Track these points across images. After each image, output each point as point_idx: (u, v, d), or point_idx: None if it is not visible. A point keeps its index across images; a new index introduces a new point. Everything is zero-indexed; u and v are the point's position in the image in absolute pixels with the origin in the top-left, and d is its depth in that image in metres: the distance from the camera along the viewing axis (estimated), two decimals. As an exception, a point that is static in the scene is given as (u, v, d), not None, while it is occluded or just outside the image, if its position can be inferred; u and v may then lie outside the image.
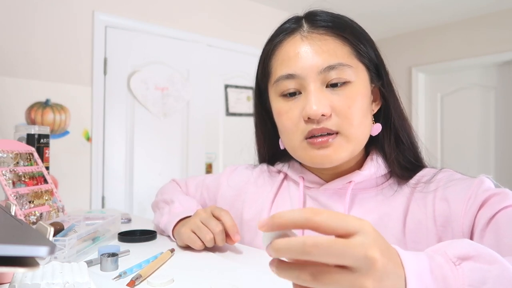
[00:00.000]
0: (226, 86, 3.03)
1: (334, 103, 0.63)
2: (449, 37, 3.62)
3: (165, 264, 0.66)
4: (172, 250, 0.71)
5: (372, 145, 0.71)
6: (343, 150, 0.64)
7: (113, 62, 2.46)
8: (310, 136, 0.65)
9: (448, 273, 0.37)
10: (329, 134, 0.64)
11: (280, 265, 0.36)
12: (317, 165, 0.66)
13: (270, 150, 0.82)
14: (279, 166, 0.82)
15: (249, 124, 0.84)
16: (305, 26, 0.67)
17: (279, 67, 0.67)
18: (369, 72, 0.68)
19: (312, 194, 0.73)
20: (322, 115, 0.62)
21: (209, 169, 2.92)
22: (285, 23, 0.71)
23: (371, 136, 0.69)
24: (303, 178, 0.75)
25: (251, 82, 0.79)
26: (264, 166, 0.85)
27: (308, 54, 0.64)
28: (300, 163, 0.77)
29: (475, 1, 3.15)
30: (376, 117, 0.71)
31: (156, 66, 2.65)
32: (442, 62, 3.67)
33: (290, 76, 0.65)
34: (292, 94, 0.66)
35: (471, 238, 0.57)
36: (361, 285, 0.33)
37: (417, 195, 0.65)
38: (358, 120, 0.64)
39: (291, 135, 0.67)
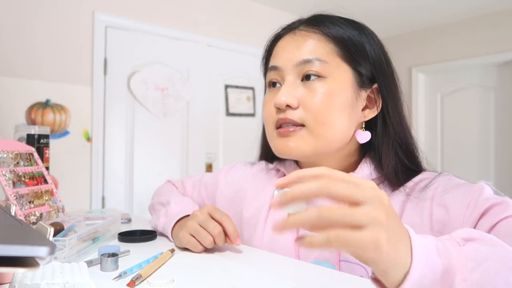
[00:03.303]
0: (226, 86, 3.03)
1: (304, 97, 0.65)
2: (449, 37, 3.62)
3: (165, 264, 0.66)
4: (172, 250, 0.71)
5: (370, 149, 0.70)
6: (303, 143, 0.65)
7: (113, 62, 2.46)
8: (279, 126, 0.67)
9: (453, 253, 0.39)
10: (293, 125, 0.66)
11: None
12: (280, 154, 0.69)
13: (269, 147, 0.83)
14: (277, 164, 0.82)
15: (249, 124, 0.84)
16: (301, 25, 0.70)
17: (271, 61, 0.72)
18: (357, 76, 0.67)
19: None
20: (287, 105, 0.65)
21: (209, 169, 2.92)
22: (289, 23, 0.73)
23: (370, 140, 0.69)
24: None
25: (251, 82, 0.80)
26: (262, 164, 0.85)
27: (290, 48, 0.68)
28: (295, 162, 0.77)
29: (475, 1, 3.15)
30: (375, 123, 0.69)
31: (156, 66, 2.65)
32: (442, 62, 3.67)
33: (273, 68, 0.69)
34: (274, 85, 0.70)
35: None
36: (374, 215, 0.35)
37: (413, 199, 0.64)
38: (326, 117, 0.64)
39: (268, 125, 0.71)
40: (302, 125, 0.65)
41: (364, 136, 0.68)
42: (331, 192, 0.35)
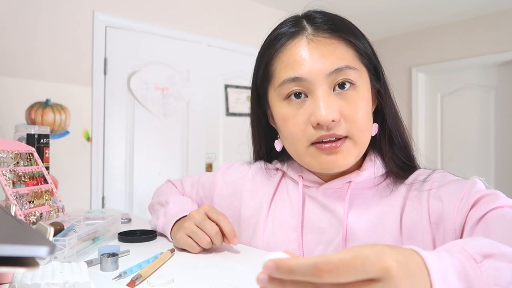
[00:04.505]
0: (226, 86, 3.03)
1: (343, 108, 0.63)
2: (449, 37, 3.62)
3: (165, 264, 0.66)
4: (172, 250, 0.71)
5: (370, 146, 0.71)
6: (350, 155, 0.64)
7: (113, 62, 2.46)
8: (317, 141, 0.64)
9: (470, 272, 0.35)
10: (337, 138, 0.63)
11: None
12: (325, 170, 0.66)
13: (266, 149, 0.82)
14: (277, 164, 0.82)
15: (249, 124, 0.84)
16: (309, 28, 0.65)
17: (283, 70, 0.65)
18: (369, 74, 0.68)
19: (311, 193, 0.73)
20: (332, 120, 0.61)
21: (209, 169, 2.92)
22: (283, 24, 0.69)
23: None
24: (302, 177, 0.74)
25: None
26: (262, 163, 0.84)
27: (315, 57, 0.63)
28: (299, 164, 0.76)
29: (475, 1, 3.15)
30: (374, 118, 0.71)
31: (156, 66, 2.65)
32: (442, 62, 3.67)
33: (296, 79, 0.63)
34: (297, 96, 0.65)
35: (461, 235, 0.58)
36: None
37: (412, 194, 0.66)
38: (365, 124, 0.64)
39: (296, 141, 0.66)
40: (345, 137, 0.64)
41: (374, 129, 0.69)
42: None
